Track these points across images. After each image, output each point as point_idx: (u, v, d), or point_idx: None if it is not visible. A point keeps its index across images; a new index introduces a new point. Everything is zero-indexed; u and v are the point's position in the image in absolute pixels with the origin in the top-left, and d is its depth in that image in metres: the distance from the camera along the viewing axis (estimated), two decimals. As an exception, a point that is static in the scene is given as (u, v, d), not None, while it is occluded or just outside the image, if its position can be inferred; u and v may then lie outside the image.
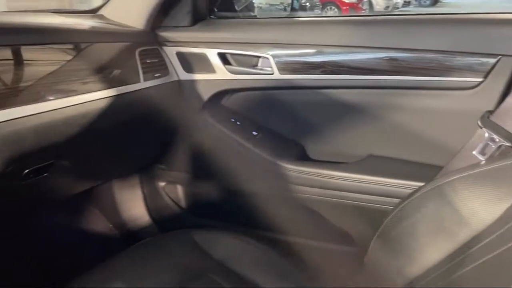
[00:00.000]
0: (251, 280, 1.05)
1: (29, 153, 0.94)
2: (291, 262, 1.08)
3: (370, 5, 8.11)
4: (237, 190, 1.43)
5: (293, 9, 1.50)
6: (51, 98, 0.97)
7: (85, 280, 1.00)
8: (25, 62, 0.96)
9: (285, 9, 1.68)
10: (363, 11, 8.08)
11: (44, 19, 1.16)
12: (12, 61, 0.94)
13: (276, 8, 1.70)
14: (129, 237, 1.69)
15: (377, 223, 0.83)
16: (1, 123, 0.86)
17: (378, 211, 1.17)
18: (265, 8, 1.68)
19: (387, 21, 1.23)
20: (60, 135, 0.99)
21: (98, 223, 1.70)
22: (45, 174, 1.06)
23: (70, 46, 1.09)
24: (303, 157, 1.34)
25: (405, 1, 9.40)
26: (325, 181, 1.22)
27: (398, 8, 8.89)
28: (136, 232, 1.68)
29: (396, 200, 1.04)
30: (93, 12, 1.39)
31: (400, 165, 1.23)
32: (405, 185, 1.14)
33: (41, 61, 1.01)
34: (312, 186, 1.25)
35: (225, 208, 1.51)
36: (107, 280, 0.99)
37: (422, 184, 0.80)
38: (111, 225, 1.72)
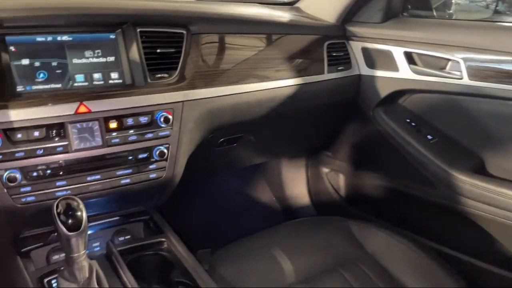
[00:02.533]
0: (400, 279, 1.05)
1: (226, 126, 1.12)
2: (447, 274, 1.04)
3: None
4: (399, 190, 1.42)
5: (496, 11, 1.36)
6: (248, 81, 1.13)
7: (248, 242, 1.16)
8: (228, 48, 1.14)
9: (487, 7, 1.52)
10: None
11: (248, 9, 1.31)
12: (218, 47, 1.12)
13: (477, 5, 1.55)
14: (288, 212, 1.84)
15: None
16: (208, 99, 1.06)
17: None
18: (463, 4, 1.55)
19: None
20: (252, 114, 1.15)
21: (263, 194, 1.89)
22: (234, 144, 1.25)
23: (268, 36, 1.22)
24: (481, 171, 1.24)
25: None
26: (503, 201, 1.12)
27: None
28: (295, 209, 1.82)
29: None
30: (291, 4, 1.52)
31: None
32: None
33: (241, 48, 1.17)
34: (486, 203, 1.16)
35: (383, 205, 1.51)
36: (268, 246, 1.12)
37: None
38: (274, 198, 1.89)
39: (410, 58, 1.26)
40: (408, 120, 1.34)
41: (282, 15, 1.33)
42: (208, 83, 1.05)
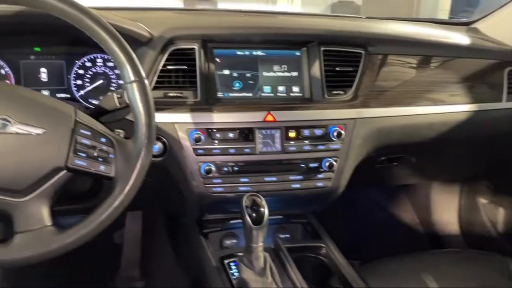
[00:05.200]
0: None
1: (391, 145, 1.14)
2: None
3: None
4: None
5: None
6: (421, 104, 1.14)
7: (398, 261, 1.16)
8: (403, 69, 1.15)
9: None
10: None
11: (423, 30, 1.27)
12: (393, 67, 1.13)
13: None
14: (432, 237, 1.77)
15: None
16: (379, 118, 1.09)
17: None
18: None
19: None
20: (421, 136, 1.15)
21: (407, 214, 1.85)
22: (395, 164, 1.26)
23: (444, 59, 1.20)
24: None
25: None
26: None
27: None
28: (441, 236, 1.74)
29: None
30: (467, 24, 1.45)
31: None
32: None
33: (416, 69, 1.17)
34: None
35: None
36: (418, 269, 1.10)
37: None
38: (418, 220, 1.83)
39: None
40: None
41: (459, 37, 1.28)
42: (380, 102, 1.09)
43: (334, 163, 1.03)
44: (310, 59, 1.05)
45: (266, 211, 0.85)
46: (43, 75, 0.99)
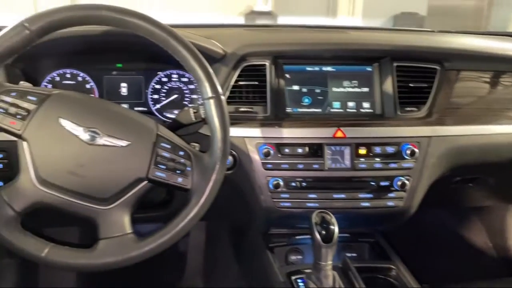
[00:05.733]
0: None
1: (468, 165, 1.08)
2: None
3: None
4: None
5: None
6: (501, 122, 1.07)
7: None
8: (481, 86, 1.09)
9: None
10: None
11: (501, 45, 1.19)
12: (470, 84, 1.08)
13: None
14: (507, 265, 1.64)
15: None
16: (455, 137, 1.04)
17: None
18: None
19: None
20: (500, 157, 1.08)
21: (478, 238, 1.73)
22: (470, 184, 1.19)
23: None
24: None
25: None
26: None
27: None
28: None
29: None
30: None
31: None
32: None
33: (495, 86, 1.11)
34: None
35: None
36: None
37: None
38: (490, 245, 1.71)
39: None
40: None
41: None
42: (457, 120, 1.04)
43: (406, 182, 0.99)
44: (382, 75, 1.03)
45: (336, 229, 0.83)
46: (123, 89, 1.05)
